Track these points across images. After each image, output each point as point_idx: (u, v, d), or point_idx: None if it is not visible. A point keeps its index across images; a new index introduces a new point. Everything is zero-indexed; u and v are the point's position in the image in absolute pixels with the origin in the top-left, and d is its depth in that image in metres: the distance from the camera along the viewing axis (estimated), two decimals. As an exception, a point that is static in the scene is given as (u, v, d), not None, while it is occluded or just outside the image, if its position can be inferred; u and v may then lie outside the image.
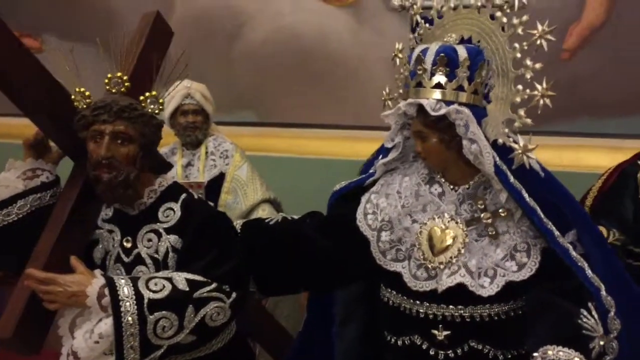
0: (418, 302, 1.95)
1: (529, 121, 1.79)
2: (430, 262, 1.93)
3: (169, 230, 2.00)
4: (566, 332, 1.74)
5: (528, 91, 1.79)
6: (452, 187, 1.98)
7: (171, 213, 2.01)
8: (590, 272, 1.83)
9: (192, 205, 2.04)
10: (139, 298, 1.79)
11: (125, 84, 1.99)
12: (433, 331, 1.94)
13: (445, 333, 1.92)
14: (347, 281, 2.19)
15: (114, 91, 1.99)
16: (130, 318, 1.77)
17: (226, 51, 5.25)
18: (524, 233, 1.89)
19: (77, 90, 1.96)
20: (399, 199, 2.02)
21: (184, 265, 1.95)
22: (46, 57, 2.13)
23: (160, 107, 2.01)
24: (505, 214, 1.89)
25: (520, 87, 1.81)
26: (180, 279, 1.87)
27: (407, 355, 2.00)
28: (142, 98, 1.99)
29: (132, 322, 1.77)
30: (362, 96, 4.94)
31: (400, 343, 2.01)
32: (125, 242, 2.02)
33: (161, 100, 2.01)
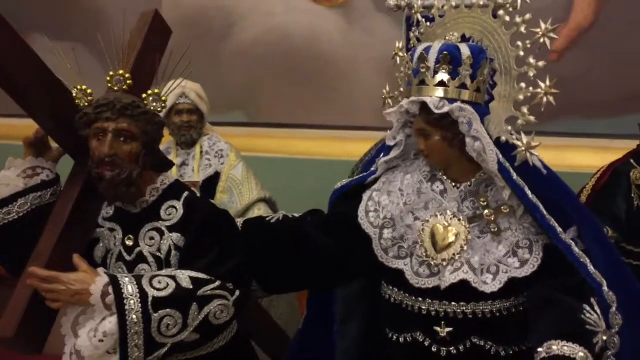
0: (420, 299, 1.96)
1: (532, 118, 1.81)
2: (432, 258, 1.94)
3: (171, 228, 1.99)
4: (569, 328, 1.76)
5: (531, 89, 1.81)
6: (453, 184, 1.99)
7: (173, 211, 2.01)
8: (592, 267, 1.85)
9: (194, 203, 2.03)
10: (143, 296, 1.78)
11: (127, 82, 1.98)
12: (435, 328, 1.95)
13: (447, 329, 1.93)
14: (348, 279, 2.20)
15: (116, 89, 1.98)
16: (134, 316, 1.76)
17: (216, 51, 5.23)
18: (526, 229, 1.91)
19: (78, 87, 1.95)
20: (400, 197, 2.03)
21: (186, 263, 1.94)
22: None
23: (162, 105, 2.01)
24: (508, 210, 1.91)
25: (523, 84, 1.83)
26: (184, 276, 1.86)
27: (409, 352, 2.01)
28: (144, 95, 1.98)
29: (136, 320, 1.76)
30: (352, 96, 4.95)
31: (402, 340, 2.02)
32: (126, 240, 2.01)
33: (164, 98, 2.01)
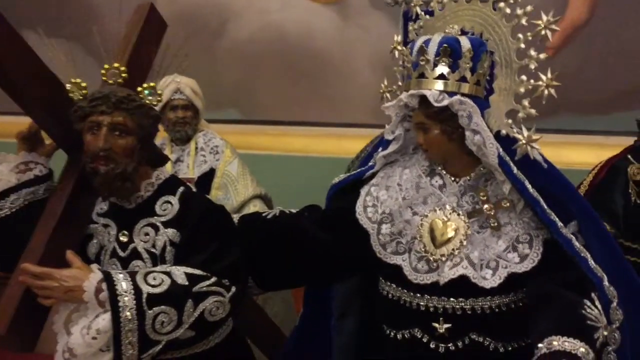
0: (418, 295, 1.94)
1: (533, 111, 1.79)
2: (432, 254, 1.91)
3: (167, 224, 1.96)
4: (570, 323, 1.73)
5: (532, 81, 1.79)
6: (453, 178, 1.96)
7: (169, 206, 1.98)
8: (592, 262, 1.83)
9: (190, 199, 2.00)
10: (137, 293, 1.75)
11: (123, 75, 1.95)
12: (433, 324, 1.92)
13: (446, 326, 1.91)
14: (346, 275, 2.17)
15: (111, 82, 1.95)
16: (128, 313, 1.73)
17: (211, 48, 5.21)
18: (526, 224, 1.89)
19: (72, 81, 1.92)
20: (399, 192, 2.01)
21: (182, 259, 1.91)
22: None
23: (158, 99, 1.98)
24: (508, 205, 1.88)
25: (524, 77, 1.81)
26: (180, 273, 1.83)
27: (408, 349, 1.98)
28: (139, 89, 1.95)
29: (130, 317, 1.73)
30: (348, 94, 4.94)
31: (400, 337, 1.99)
32: (121, 237, 1.97)
33: (159, 92, 1.98)
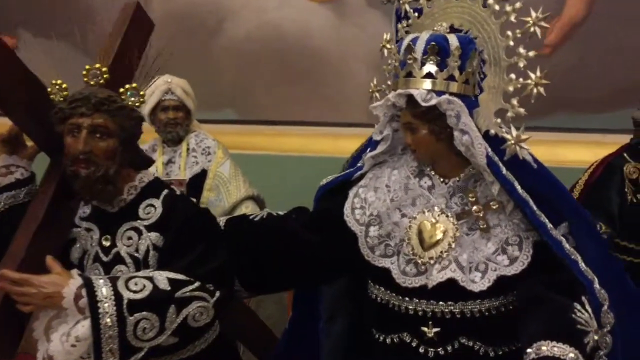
0: (407, 299, 1.90)
1: (521, 111, 1.75)
2: (420, 257, 1.87)
3: (150, 227, 1.92)
4: (560, 327, 1.69)
5: (521, 80, 1.75)
6: (442, 179, 1.92)
7: (152, 210, 1.94)
8: (583, 265, 1.79)
9: (174, 202, 1.96)
10: (118, 299, 1.71)
11: (104, 76, 1.91)
12: (422, 328, 1.88)
13: (435, 330, 1.87)
14: (334, 277, 2.14)
15: (93, 83, 1.91)
16: (108, 320, 1.69)
17: (207, 47, 5.19)
18: (515, 226, 1.85)
19: (53, 82, 1.88)
20: (387, 193, 1.97)
21: (165, 263, 1.88)
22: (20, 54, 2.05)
23: (141, 100, 1.94)
24: (497, 206, 1.84)
25: (512, 76, 1.77)
26: (162, 278, 1.80)
27: (396, 354, 1.94)
28: (121, 90, 1.91)
29: (110, 324, 1.69)
30: (345, 93, 4.91)
31: (389, 341, 1.96)
32: (104, 241, 1.94)
33: (142, 93, 1.94)
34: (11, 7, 5.73)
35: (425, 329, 1.88)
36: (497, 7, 1.80)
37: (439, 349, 1.88)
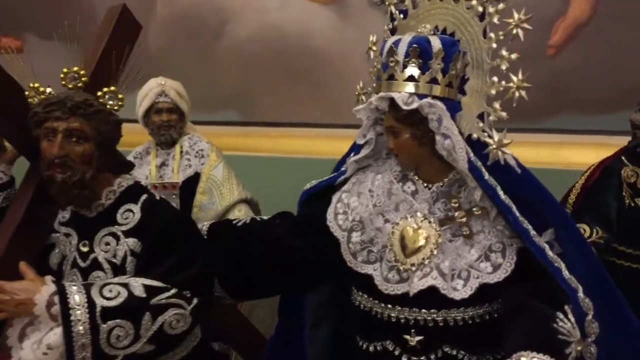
0: (390, 306, 1.86)
1: (504, 114, 1.70)
2: (402, 263, 1.83)
3: (128, 233, 1.89)
4: (541, 337, 1.65)
5: (504, 83, 1.70)
6: (425, 185, 1.88)
7: (130, 215, 1.91)
8: (567, 273, 1.74)
9: (153, 207, 1.93)
10: (91, 306, 1.69)
11: (82, 79, 1.89)
12: (405, 336, 1.85)
13: (418, 338, 1.83)
14: (318, 282, 2.10)
15: (71, 86, 1.89)
16: (81, 327, 1.66)
17: (209, 49, 5.16)
18: (499, 232, 1.80)
19: (30, 85, 1.86)
20: (370, 198, 1.93)
21: (143, 270, 1.85)
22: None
23: (119, 103, 1.91)
24: (480, 212, 1.80)
25: (495, 79, 1.72)
26: (137, 284, 1.77)
27: None
28: (99, 94, 1.89)
29: (83, 331, 1.66)
30: (347, 94, 4.81)
31: (372, 349, 1.92)
32: (81, 246, 1.91)
33: (121, 96, 1.91)
34: (17, 9, 5.74)
35: (408, 337, 1.84)
36: (480, 9, 1.76)
37: (422, 358, 1.84)
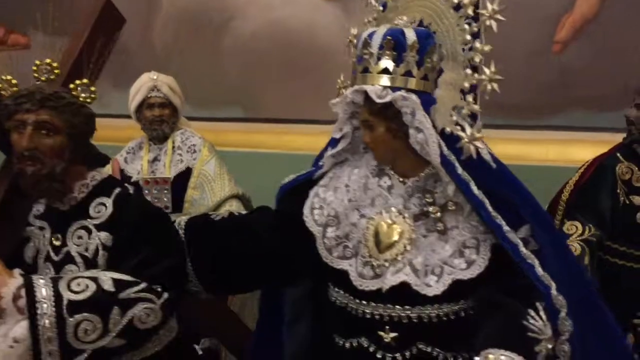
0: (364, 302, 1.83)
1: (476, 107, 1.67)
2: (375, 259, 1.80)
3: (100, 226, 1.88)
4: (510, 335, 1.62)
5: (476, 75, 1.67)
6: (401, 179, 1.85)
7: (103, 208, 1.89)
8: (540, 270, 1.70)
9: (125, 201, 1.92)
10: (57, 299, 1.67)
11: (55, 71, 1.88)
12: (380, 333, 1.82)
13: (393, 335, 1.80)
14: (296, 278, 2.07)
15: (43, 79, 1.88)
16: (47, 321, 1.65)
17: (214, 45, 5.16)
18: (474, 228, 1.77)
19: (2, 77, 1.85)
20: (346, 193, 1.90)
21: (115, 264, 1.83)
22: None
23: (92, 96, 1.89)
24: (454, 207, 1.77)
25: (469, 71, 1.69)
26: (107, 278, 1.75)
27: (355, 358, 1.88)
28: (72, 86, 1.87)
29: (49, 325, 1.65)
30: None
31: (348, 345, 1.89)
32: (54, 240, 1.90)
33: (93, 89, 1.90)
34: (24, 6, 5.77)
35: (383, 333, 1.82)
36: (455, 0, 1.72)
37: (397, 355, 1.82)
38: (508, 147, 4.33)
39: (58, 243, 1.90)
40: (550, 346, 1.64)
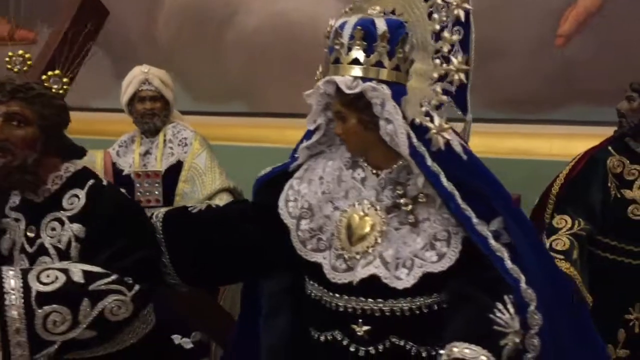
0: (337, 295, 1.82)
1: (444, 98, 1.65)
2: (347, 252, 1.79)
3: (72, 218, 1.87)
4: (476, 329, 1.60)
5: (445, 66, 1.65)
6: (374, 171, 1.83)
7: (75, 200, 1.89)
8: (509, 263, 1.68)
9: (98, 193, 1.91)
10: (26, 291, 1.67)
11: (28, 62, 1.88)
12: (353, 326, 1.80)
13: (365, 328, 1.79)
14: (270, 270, 2.06)
15: (16, 70, 1.88)
16: (15, 312, 1.65)
17: (217, 39, 5.16)
18: (445, 221, 1.75)
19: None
20: (320, 185, 1.89)
21: (88, 256, 1.84)
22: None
23: (64, 87, 1.89)
24: (425, 200, 1.75)
25: (438, 61, 1.67)
26: (77, 270, 1.75)
27: (329, 352, 1.87)
28: (44, 77, 1.88)
29: (17, 316, 1.65)
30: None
31: (323, 339, 1.88)
32: (28, 232, 1.90)
33: (65, 80, 1.90)
34: (31, 1, 5.81)
35: (356, 327, 1.80)
36: (426, -12, 1.70)
37: (369, 348, 1.80)
38: (512, 141, 4.32)
39: (32, 235, 1.90)
40: (518, 340, 1.62)
